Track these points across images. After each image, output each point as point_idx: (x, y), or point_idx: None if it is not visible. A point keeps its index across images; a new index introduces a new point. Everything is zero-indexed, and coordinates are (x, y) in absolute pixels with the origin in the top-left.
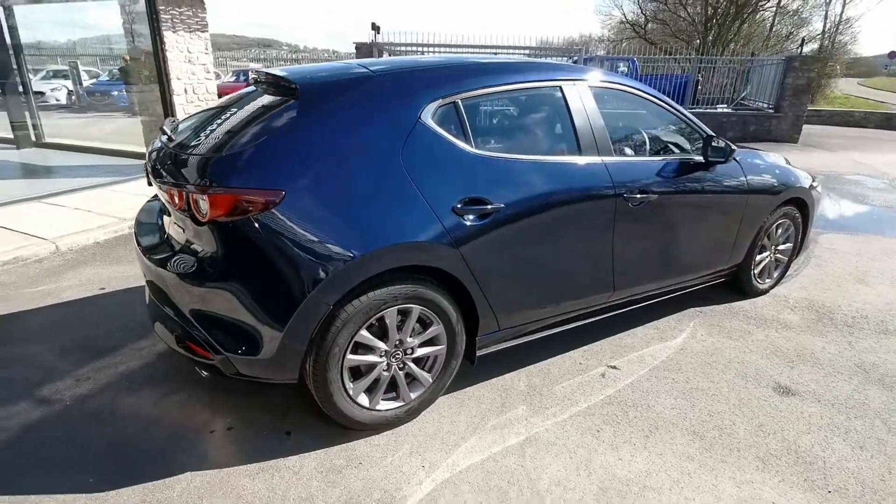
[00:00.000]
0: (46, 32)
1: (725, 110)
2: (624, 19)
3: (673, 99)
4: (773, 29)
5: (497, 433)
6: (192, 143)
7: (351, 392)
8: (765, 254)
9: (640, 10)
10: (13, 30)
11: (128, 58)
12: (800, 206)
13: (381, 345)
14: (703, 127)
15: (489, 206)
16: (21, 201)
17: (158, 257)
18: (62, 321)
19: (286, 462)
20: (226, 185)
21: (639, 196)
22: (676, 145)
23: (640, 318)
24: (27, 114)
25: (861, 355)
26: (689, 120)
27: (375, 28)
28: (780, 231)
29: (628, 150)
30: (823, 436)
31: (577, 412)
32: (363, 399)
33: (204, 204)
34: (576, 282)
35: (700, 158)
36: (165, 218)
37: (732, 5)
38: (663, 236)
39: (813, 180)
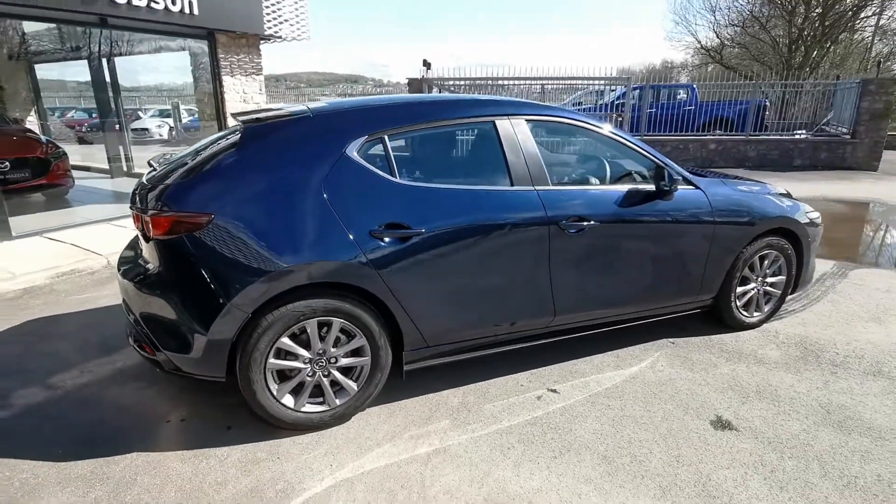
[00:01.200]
0: (138, 78)
1: (801, 136)
2: (698, 45)
3: (736, 125)
4: (871, 49)
5: (412, 442)
6: (159, 175)
7: (275, 392)
8: (749, 286)
9: (715, 36)
10: (113, 74)
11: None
12: (790, 237)
13: (304, 352)
14: (660, 157)
15: (409, 231)
16: (95, 223)
17: (123, 270)
18: (90, 323)
19: (217, 451)
20: (165, 209)
21: (577, 224)
22: (626, 175)
23: (602, 345)
24: (121, 147)
25: (831, 396)
26: (642, 150)
27: (427, 64)
28: (766, 263)
29: (569, 180)
30: (742, 472)
31: (496, 430)
32: (288, 400)
33: (149, 225)
34: (508, 305)
35: (651, 187)
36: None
37: (820, 26)
38: (612, 264)
39: (812, 212)
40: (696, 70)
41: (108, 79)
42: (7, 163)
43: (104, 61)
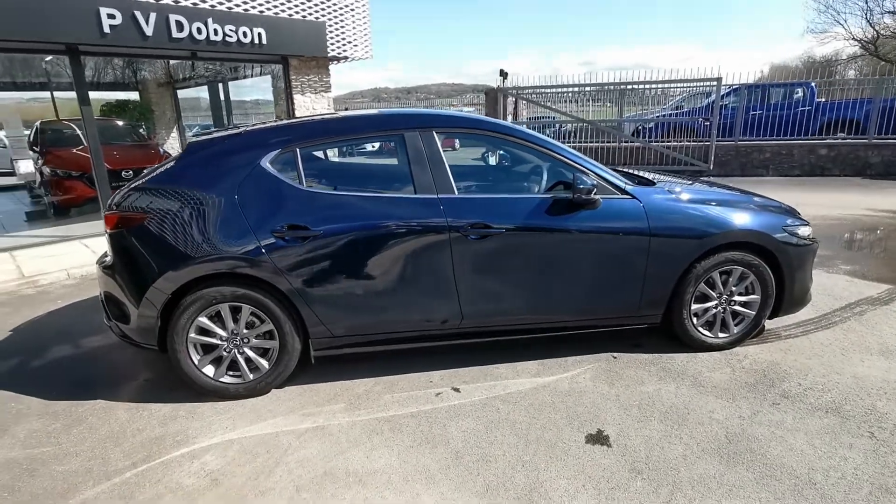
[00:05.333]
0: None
1: None
2: (849, 36)
3: (864, 127)
4: None
5: (301, 418)
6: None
7: (196, 362)
8: (709, 303)
9: (868, 25)
10: (227, 95)
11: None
12: (762, 254)
13: (220, 331)
14: (584, 163)
15: (308, 232)
16: None
17: (98, 258)
18: None
19: (153, 406)
20: (112, 209)
21: (482, 230)
22: (558, 184)
23: (536, 352)
24: None
25: (749, 427)
26: (563, 156)
27: (503, 74)
28: (731, 280)
29: (481, 189)
30: (581, 485)
31: (379, 417)
32: (209, 370)
33: (105, 221)
34: (411, 305)
35: (569, 196)
36: None
37: None
38: (527, 272)
39: (797, 227)
40: (845, 65)
41: (222, 98)
42: (131, 171)
43: (220, 86)
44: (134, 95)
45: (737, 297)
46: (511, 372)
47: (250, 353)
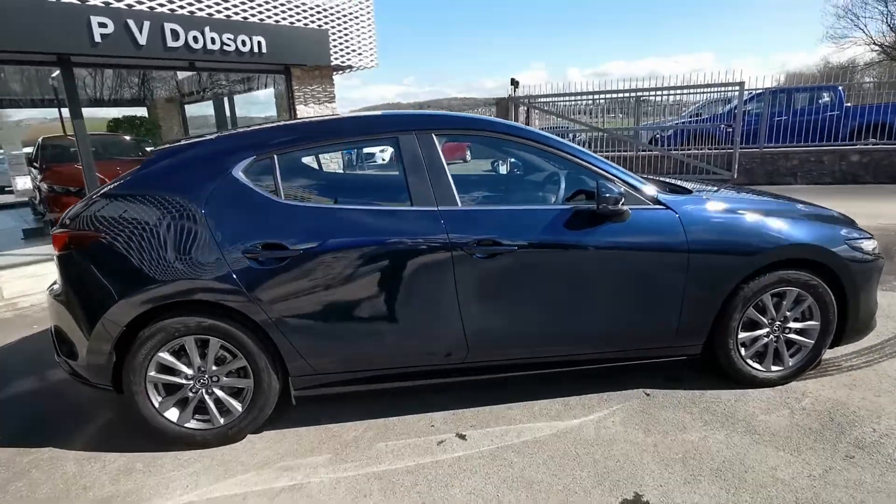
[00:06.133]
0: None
1: None
2: (870, 41)
3: (885, 131)
4: None
5: (277, 473)
6: None
7: (157, 405)
8: (759, 331)
9: (889, 30)
10: (232, 109)
11: None
12: (823, 272)
13: (184, 368)
14: (616, 171)
15: (286, 252)
16: None
17: (49, 285)
18: None
19: (107, 456)
20: (61, 228)
21: (490, 248)
22: (578, 193)
23: (556, 389)
24: None
25: (824, 491)
26: (594, 164)
27: (514, 83)
28: (785, 303)
29: (490, 199)
30: None
31: (369, 473)
32: (172, 414)
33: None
34: (405, 336)
35: (593, 206)
36: None
37: None
38: (543, 296)
39: (861, 240)
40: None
41: (228, 113)
42: None
43: (226, 100)
44: (142, 111)
45: (792, 324)
46: (526, 414)
47: (220, 394)
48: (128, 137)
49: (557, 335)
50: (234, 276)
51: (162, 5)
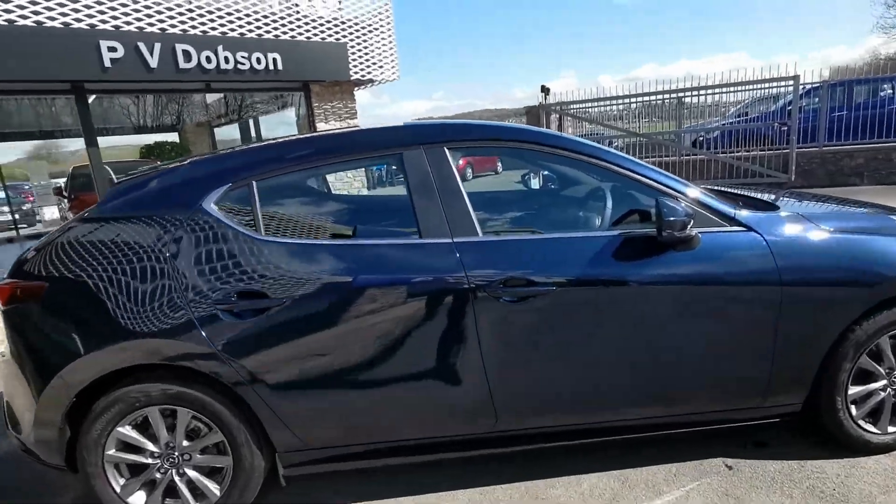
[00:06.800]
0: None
1: None
2: None
3: None
4: None
5: None
6: None
7: (119, 490)
8: (874, 384)
9: None
10: (257, 130)
11: None
12: None
13: (149, 445)
14: (679, 185)
15: (268, 301)
16: None
17: None
18: None
19: None
20: (5, 278)
21: (522, 290)
22: (629, 214)
23: (603, 459)
24: None
25: None
26: (650, 177)
27: (545, 90)
28: None
29: (512, 224)
30: None
31: None
32: (138, 499)
33: None
34: (417, 402)
35: (652, 231)
36: None
37: None
38: (590, 347)
39: None
40: None
41: (253, 134)
42: None
43: (251, 121)
44: (173, 136)
45: None
46: (573, 495)
47: (193, 474)
48: (159, 163)
49: (609, 397)
50: (204, 333)
51: (173, 26)
